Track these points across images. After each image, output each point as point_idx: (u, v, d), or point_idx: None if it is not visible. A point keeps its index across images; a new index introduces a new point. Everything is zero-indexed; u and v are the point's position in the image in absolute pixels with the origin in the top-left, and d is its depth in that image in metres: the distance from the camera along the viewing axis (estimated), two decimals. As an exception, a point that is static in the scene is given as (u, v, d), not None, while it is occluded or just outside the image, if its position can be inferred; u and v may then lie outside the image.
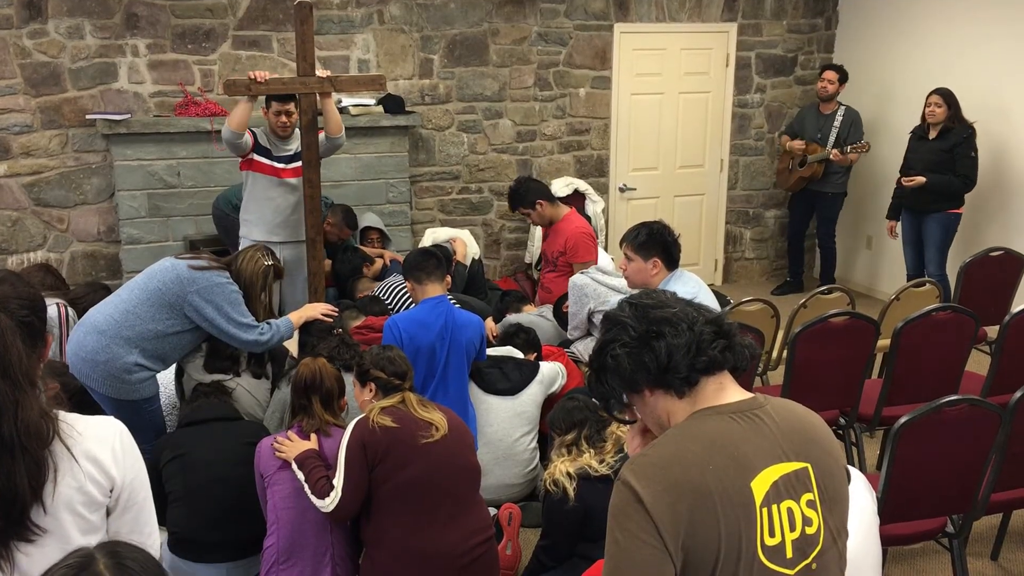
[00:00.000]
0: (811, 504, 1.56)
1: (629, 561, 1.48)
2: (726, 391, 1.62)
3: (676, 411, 1.62)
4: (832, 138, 6.88)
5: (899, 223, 6.33)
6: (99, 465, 1.64)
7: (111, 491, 1.66)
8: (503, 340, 4.48)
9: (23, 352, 1.56)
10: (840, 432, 4.11)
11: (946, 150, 5.88)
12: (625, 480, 1.52)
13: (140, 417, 3.51)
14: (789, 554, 1.53)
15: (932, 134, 5.97)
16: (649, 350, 1.60)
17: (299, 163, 4.78)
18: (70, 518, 1.61)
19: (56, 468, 1.59)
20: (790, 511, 1.54)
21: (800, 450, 1.58)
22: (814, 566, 1.56)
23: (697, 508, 1.48)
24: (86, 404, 3.48)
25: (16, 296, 1.66)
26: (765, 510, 1.51)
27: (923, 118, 6.03)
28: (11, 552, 1.57)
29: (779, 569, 1.52)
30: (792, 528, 1.54)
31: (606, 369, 1.66)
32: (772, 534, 1.52)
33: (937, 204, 6.01)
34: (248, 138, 4.73)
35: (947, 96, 5.87)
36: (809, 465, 1.58)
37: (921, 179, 5.89)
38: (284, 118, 4.80)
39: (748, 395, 1.63)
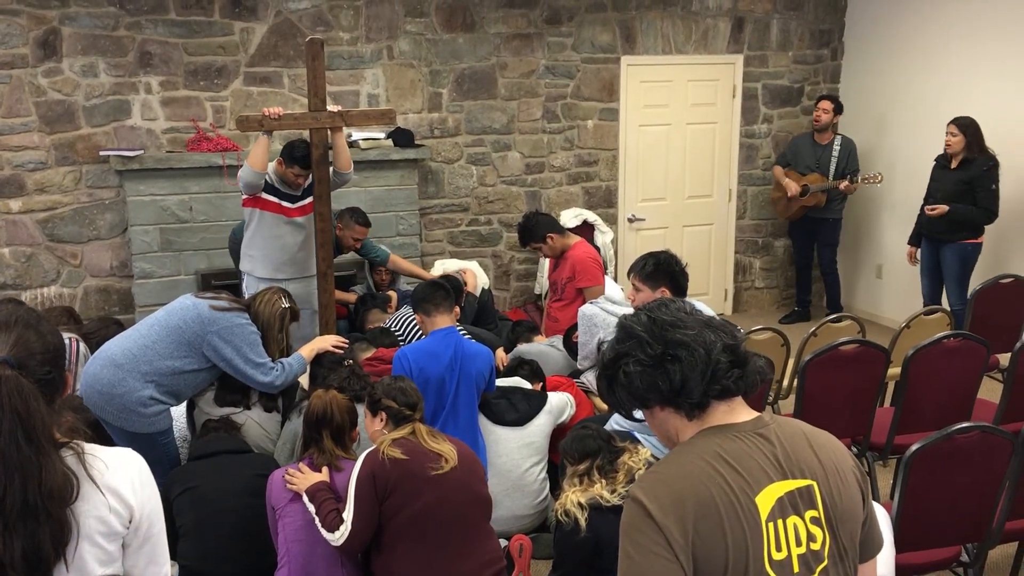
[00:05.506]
0: (816, 521, 1.59)
1: (643, 574, 1.50)
2: (735, 412, 1.65)
3: (684, 429, 1.65)
4: (832, 168, 6.93)
5: (919, 250, 6.28)
6: (119, 496, 1.65)
7: (130, 521, 1.67)
8: (508, 373, 4.48)
9: (45, 414, 1.58)
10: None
11: (966, 181, 5.81)
12: (634, 496, 1.55)
13: (155, 450, 3.52)
14: (796, 569, 1.56)
15: (954, 164, 5.90)
16: (663, 372, 1.61)
17: (306, 201, 4.77)
18: (90, 548, 1.61)
19: (79, 525, 1.60)
20: (796, 527, 1.56)
21: (805, 468, 1.61)
22: None
23: (702, 520, 1.51)
24: (101, 438, 3.49)
25: (41, 351, 1.65)
26: (771, 525, 1.55)
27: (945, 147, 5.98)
28: None
29: None
30: (799, 544, 1.57)
31: (617, 382, 1.68)
32: (779, 548, 1.55)
33: (954, 234, 5.93)
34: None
35: (963, 126, 5.80)
36: (815, 483, 1.60)
37: (944, 208, 5.82)
38: (301, 180, 4.79)
39: (755, 414, 1.66)
